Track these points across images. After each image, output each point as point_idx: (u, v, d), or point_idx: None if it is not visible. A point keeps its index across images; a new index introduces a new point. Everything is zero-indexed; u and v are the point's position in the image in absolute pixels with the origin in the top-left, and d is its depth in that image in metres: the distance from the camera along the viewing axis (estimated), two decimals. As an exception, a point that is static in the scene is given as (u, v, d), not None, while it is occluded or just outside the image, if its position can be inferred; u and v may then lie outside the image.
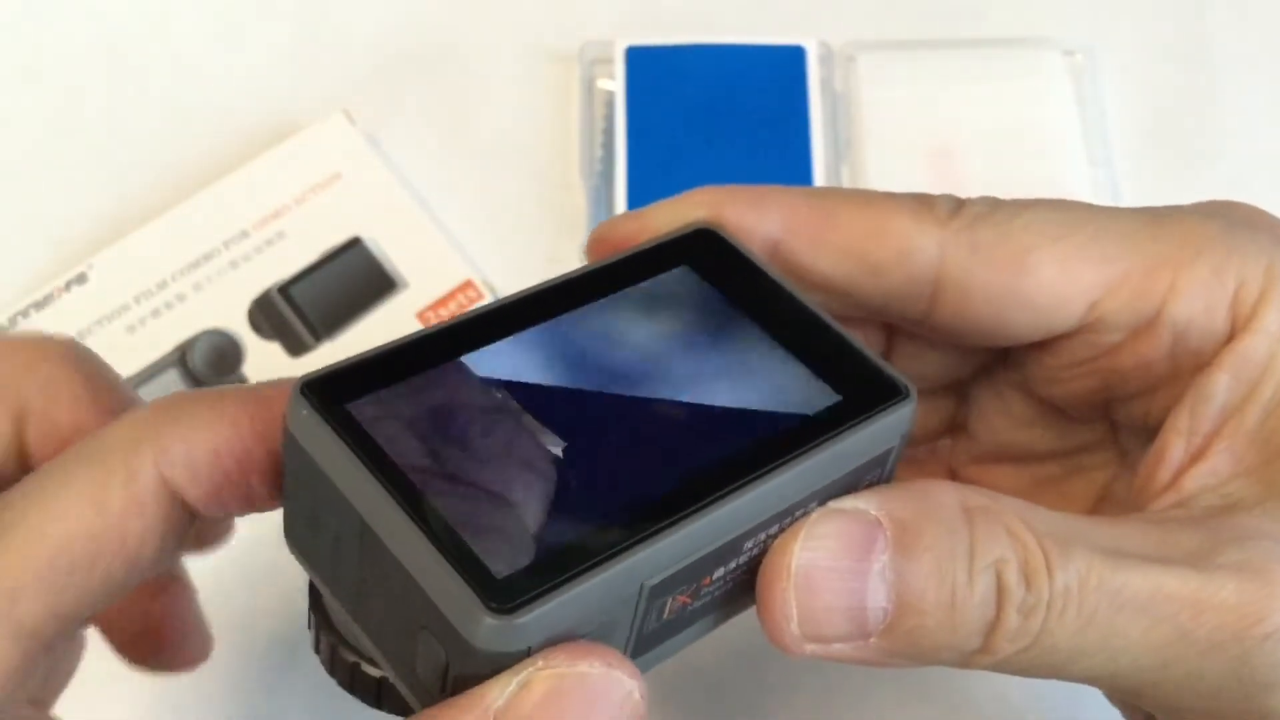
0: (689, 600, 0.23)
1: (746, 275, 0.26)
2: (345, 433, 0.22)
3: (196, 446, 0.23)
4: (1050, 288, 0.26)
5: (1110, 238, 0.26)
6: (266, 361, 0.41)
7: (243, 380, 0.41)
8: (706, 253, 0.26)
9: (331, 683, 0.26)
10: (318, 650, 0.26)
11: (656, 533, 0.22)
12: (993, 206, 0.27)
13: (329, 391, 0.22)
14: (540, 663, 0.20)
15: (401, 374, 0.23)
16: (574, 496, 0.22)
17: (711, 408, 0.24)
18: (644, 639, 0.23)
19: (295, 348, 0.41)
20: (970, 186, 0.28)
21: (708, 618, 0.25)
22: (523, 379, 0.23)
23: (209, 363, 0.41)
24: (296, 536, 0.24)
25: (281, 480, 0.24)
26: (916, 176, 0.44)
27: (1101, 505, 0.29)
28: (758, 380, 0.24)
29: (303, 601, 0.26)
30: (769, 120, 0.45)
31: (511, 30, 0.48)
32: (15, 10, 0.48)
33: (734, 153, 0.44)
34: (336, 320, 0.42)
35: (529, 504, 0.22)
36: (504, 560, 0.21)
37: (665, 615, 0.23)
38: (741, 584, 0.24)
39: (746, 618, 0.25)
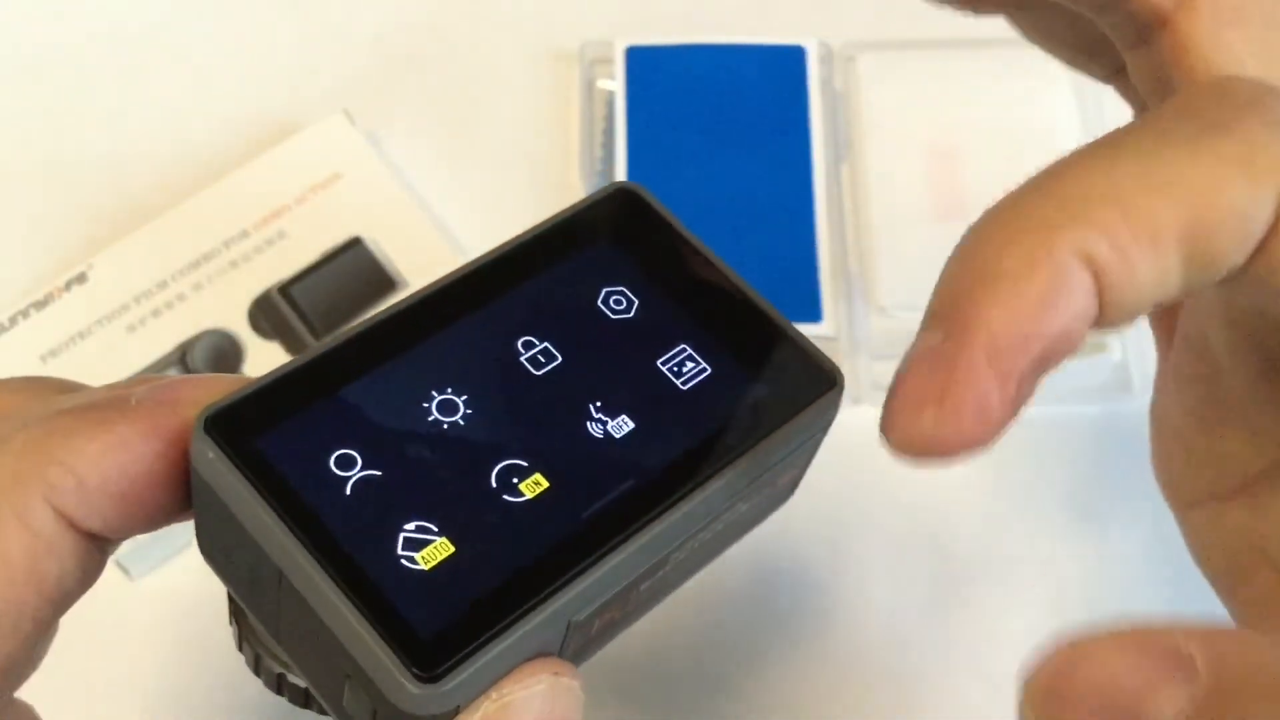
0: (616, 615, 0.23)
1: (670, 248, 0.24)
2: (257, 477, 0.21)
3: (86, 476, 0.21)
4: None
5: None
6: (266, 361, 0.41)
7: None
8: (628, 222, 0.24)
9: None
10: (241, 650, 0.25)
11: (581, 571, 0.21)
12: None
13: (236, 427, 0.21)
14: (494, 695, 0.20)
15: (316, 395, 0.22)
16: (495, 535, 0.21)
17: (633, 417, 0.23)
18: (571, 654, 0.22)
19: (295, 348, 0.41)
20: (970, 186, 0.28)
21: (634, 619, 0.24)
22: (437, 397, 0.22)
23: (209, 363, 0.41)
24: (210, 553, 0.23)
25: (191, 493, 0.22)
26: (916, 176, 0.44)
27: None
28: (682, 377, 0.23)
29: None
30: (769, 120, 0.44)
31: (511, 30, 0.48)
32: (15, 10, 0.48)
33: (734, 153, 0.44)
34: (336, 320, 0.42)
35: (452, 545, 0.21)
36: (428, 616, 0.20)
37: (592, 633, 0.23)
38: (667, 581, 0.24)
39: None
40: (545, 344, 0.23)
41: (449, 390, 0.22)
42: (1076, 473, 0.41)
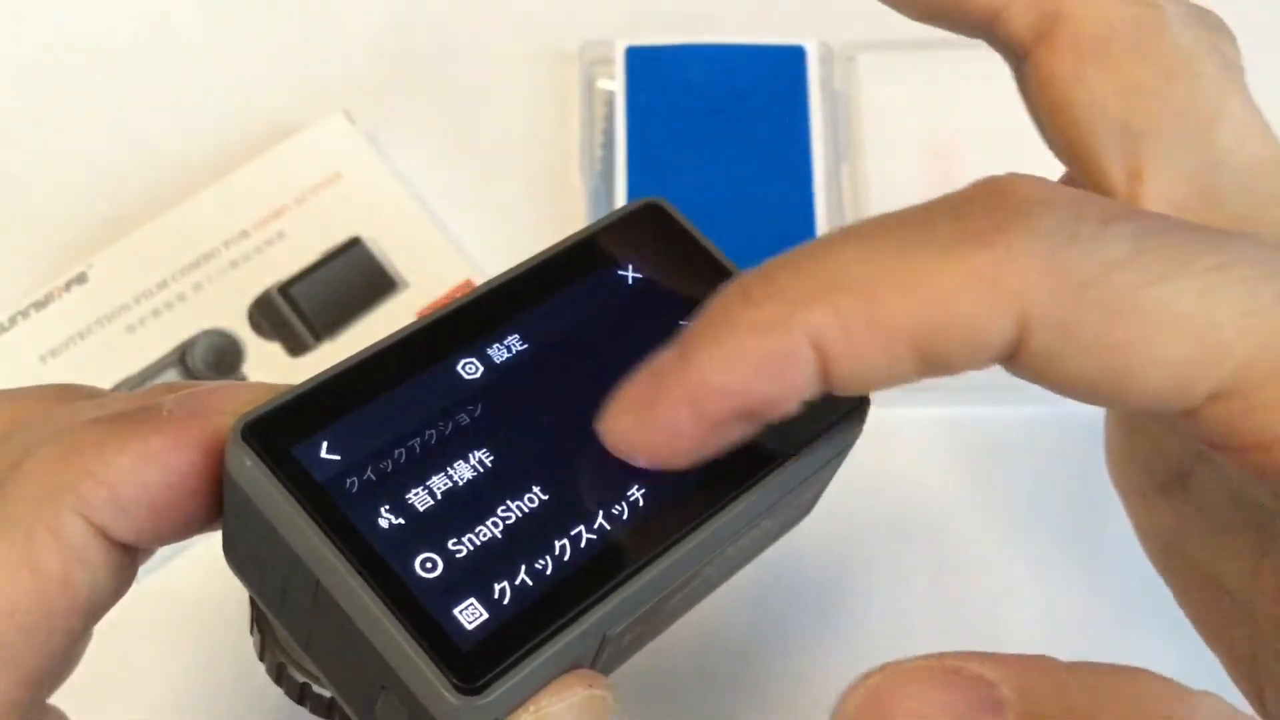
0: (646, 628, 0.23)
1: (695, 263, 0.24)
2: (294, 485, 0.21)
3: (118, 487, 0.21)
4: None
5: None
6: (266, 361, 0.41)
7: (242, 380, 0.41)
8: (655, 237, 0.25)
9: None
10: (262, 659, 0.25)
11: (618, 586, 0.21)
12: (1104, 268, 0.19)
13: (273, 435, 0.21)
14: (531, 707, 0.20)
15: (352, 404, 0.22)
16: (531, 548, 0.21)
17: None
18: (602, 665, 0.23)
19: (295, 348, 0.41)
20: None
21: (660, 630, 0.24)
22: (472, 408, 0.22)
23: (209, 363, 0.41)
24: (239, 561, 0.23)
25: (221, 501, 0.22)
26: (916, 176, 0.44)
27: None
28: None
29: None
30: (769, 120, 0.45)
31: (511, 30, 0.48)
32: (15, 10, 0.48)
33: (734, 153, 0.44)
34: (336, 320, 0.42)
35: (492, 557, 0.21)
36: (469, 627, 0.20)
37: (623, 645, 0.23)
38: (694, 594, 0.24)
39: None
40: (575, 359, 0.23)
41: (482, 402, 0.22)
42: (1076, 472, 0.41)
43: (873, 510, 0.40)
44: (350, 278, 0.42)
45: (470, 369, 0.23)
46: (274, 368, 0.41)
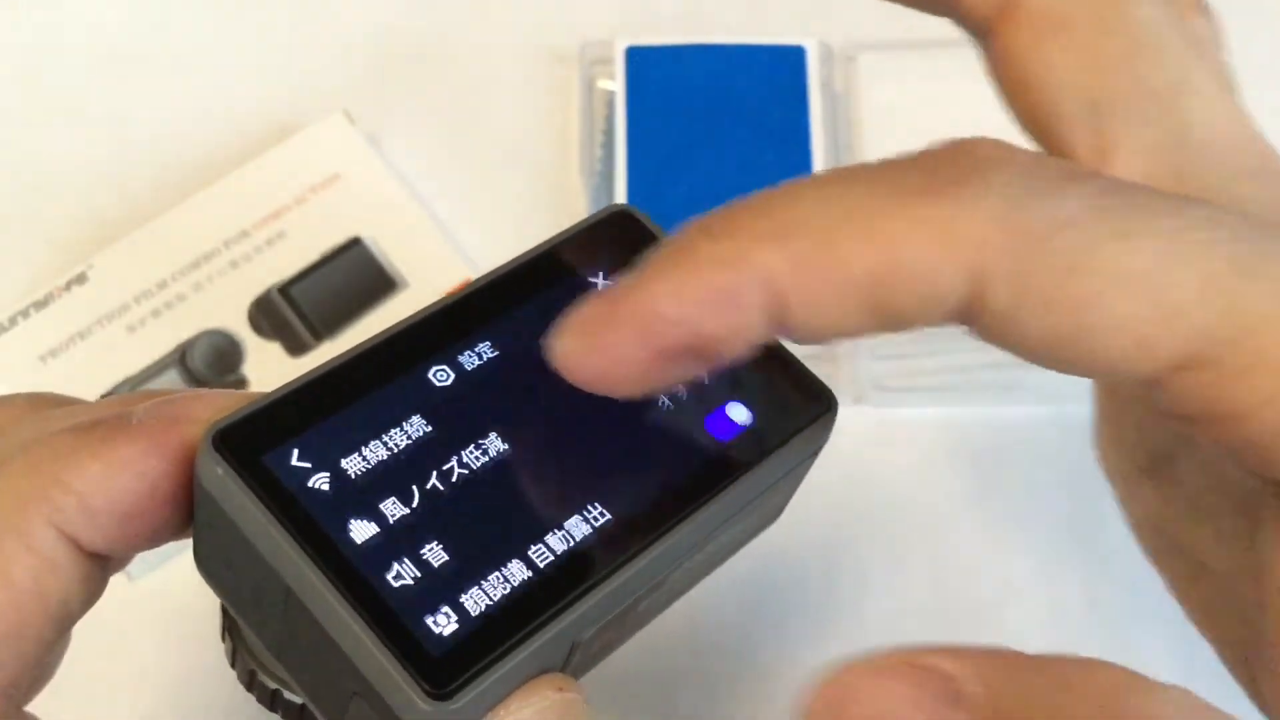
0: (615, 633, 0.23)
1: None
2: (265, 494, 0.21)
3: (89, 496, 0.21)
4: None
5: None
6: (266, 361, 0.41)
7: (243, 381, 0.41)
8: (625, 244, 0.25)
9: None
10: (234, 666, 0.25)
11: (585, 593, 0.21)
12: (1060, 223, 0.19)
13: (245, 444, 0.21)
14: (501, 712, 0.21)
15: (324, 412, 0.22)
16: (501, 554, 0.21)
17: (632, 440, 0.23)
18: (572, 669, 0.23)
19: (295, 348, 0.41)
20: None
21: (630, 635, 0.25)
22: (445, 416, 0.22)
23: (209, 363, 0.41)
24: (210, 569, 0.23)
25: (192, 509, 0.22)
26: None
27: None
28: (678, 400, 0.23)
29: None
30: (769, 120, 0.44)
31: (511, 30, 0.48)
32: (15, 10, 0.48)
33: (734, 153, 0.44)
34: (336, 320, 0.42)
35: (460, 564, 0.21)
36: (439, 634, 0.20)
37: (593, 650, 0.23)
38: (663, 599, 0.24)
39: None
40: (546, 366, 0.23)
41: (454, 409, 0.22)
42: (1076, 472, 0.41)
43: (872, 510, 0.40)
44: (350, 278, 0.42)
45: (441, 376, 0.23)
46: (274, 368, 0.41)
